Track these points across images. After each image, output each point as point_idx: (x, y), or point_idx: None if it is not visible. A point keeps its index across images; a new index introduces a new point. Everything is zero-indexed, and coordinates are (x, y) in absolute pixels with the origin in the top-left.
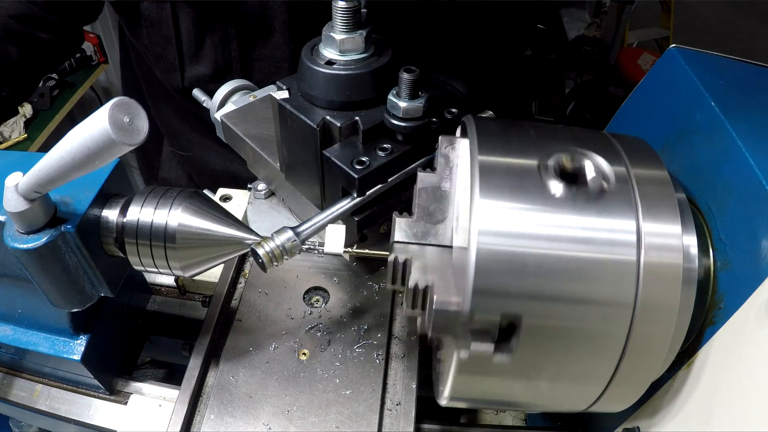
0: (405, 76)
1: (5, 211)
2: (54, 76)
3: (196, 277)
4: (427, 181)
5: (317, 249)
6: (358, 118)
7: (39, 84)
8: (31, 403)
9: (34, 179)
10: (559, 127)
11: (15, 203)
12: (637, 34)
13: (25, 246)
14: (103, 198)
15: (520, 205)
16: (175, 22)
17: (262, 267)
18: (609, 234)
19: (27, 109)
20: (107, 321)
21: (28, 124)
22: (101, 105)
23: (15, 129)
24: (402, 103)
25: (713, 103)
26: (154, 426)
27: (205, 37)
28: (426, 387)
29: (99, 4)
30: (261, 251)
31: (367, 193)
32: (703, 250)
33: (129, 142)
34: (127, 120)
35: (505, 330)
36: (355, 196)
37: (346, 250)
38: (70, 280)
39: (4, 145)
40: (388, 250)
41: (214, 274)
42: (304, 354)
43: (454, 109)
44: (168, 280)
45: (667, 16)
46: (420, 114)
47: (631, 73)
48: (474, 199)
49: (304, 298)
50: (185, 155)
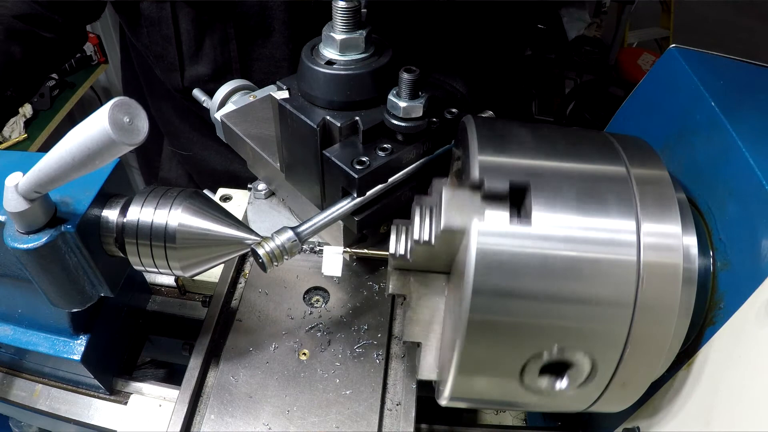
0: (405, 76)
1: (5, 211)
2: (54, 76)
3: (196, 277)
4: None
5: (317, 249)
6: (358, 118)
7: (43, 83)
8: (31, 403)
9: (34, 179)
10: (559, 128)
11: (15, 203)
12: (637, 34)
13: (25, 246)
14: (103, 198)
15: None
16: (174, 22)
17: (262, 267)
18: (609, 234)
19: (27, 109)
20: (107, 321)
21: (28, 124)
22: (101, 105)
23: (15, 129)
24: (402, 103)
25: (713, 103)
26: (154, 426)
27: (205, 36)
28: (426, 387)
29: (101, 4)
30: (261, 251)
31: (367, 193)
32: (703, 250)
33: (129, 142)
34: (127, 120)
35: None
36: (355, 196)
37: (346, 250)
38: (70, 280)
39: (4, 145)
40: (387, 250)
41: (214, 274)
42: (304, 354)
43: (454, 109)
44: (168, 280)
45: (667, 16)
46: (420, 114)
47: (631, 73)
48: (472, 149)
49: (304, 298)
50: (185, 155)
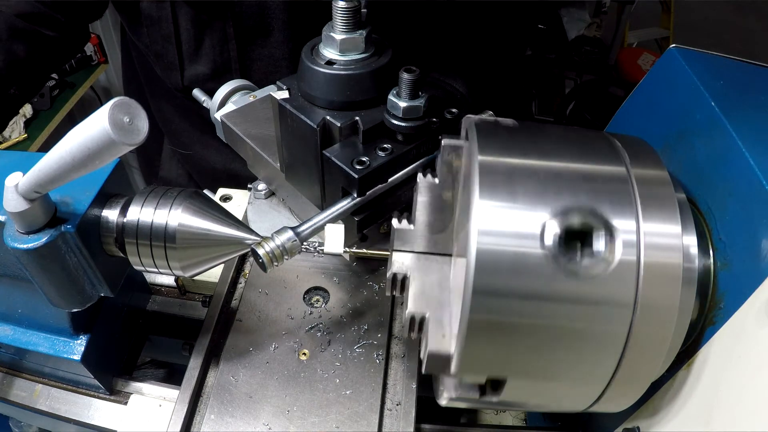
0: (405, 76)
1: (5, 211)
2: (54, 76)
3: (196, 277)
4: (427, 189)
5: (317, 249)
6: (358, 118)
7: (46, 82)
8: (31, 403)
9: (34, 179)
10: (559, 128)
11: (15, 203)
12: (637, 34)
13: (25, 246)
14: (103, 198)
15: (521, 205)
16: (174, 21)
17: (263, 267)
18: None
19: (27, 109)
20: (107, 321)
21: (28, 124)
22: (101, 105)
23: (15, 129)
24: (402, 103)
25: (713, 103)
26: (154, 426)
27: (204, 36)
28: (426, 387)
29: (103, 3)
30: (261, 251)
31: (367, 193)
32: (703, 250)
33: (129, 142)
34: (127, 120)
35: (494, 383)
36: (355, 196)
37: (346, 250)
38: (70, 280)
39: (4, 145)
40: (388, 250)
41: (214, 274)
42: (304, 354)
43: (454, 109)
44: (168, 280)
45: (667, 16)
46: (420, 114)
47: (631, 73)
48: (474, 200)
49: (304, 298)
50: (186, 154)
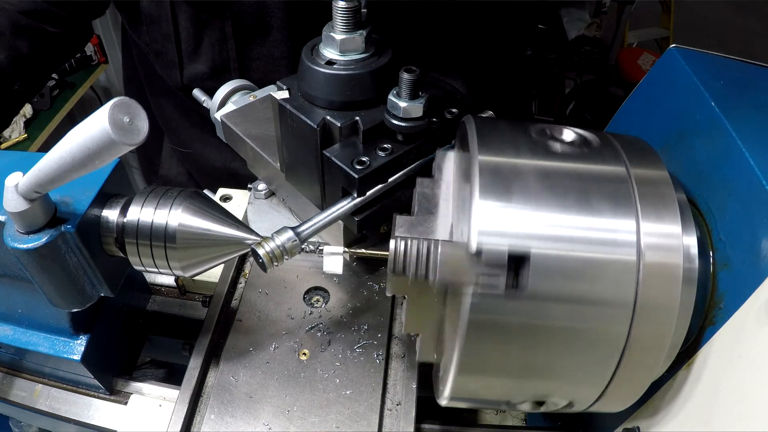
0: (405, 76)
1: (5, 211)
2: (54, 75)
3: (196, 277)
4: (424, 186)
5: (317, 249)
6: (358, 118)
7: (49, 78)
8: (31, 403)
9: (34, 179)
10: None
11: (15, 203)
12: (637, 34)
13: (25, 246)
14: (103, 198)
15: (520, 205)
16: (174, 20)
17: (263, 267)
18: (609, 234)
19: (27, 109)
20: (107, 321)
21: (28, 124)
22: (101, 105)
23: (15, 129)
24: (402, 103)
25: (713, 103)
26: (155, 426)
27: (203, 35)
28: (426, 387)
29: (105, 1)
30: (261, 251)
31: (368, 193)
32: (703, 250)
33: (129, 142)
34: (127, 120)
35: (515, 267)
36: (356, 196)
37: (346, 250)
38: (70, 280)
39: (4, 145)
40: (388, 249)
41: (214, 274)
42: (305, 354)
43: (454, 109)
44: (168, 280)
45: (667, 16)
46: (420, 114)
47: (631, 73)
48: (474, 200)
49: (304, 298)
50: (186, 152)
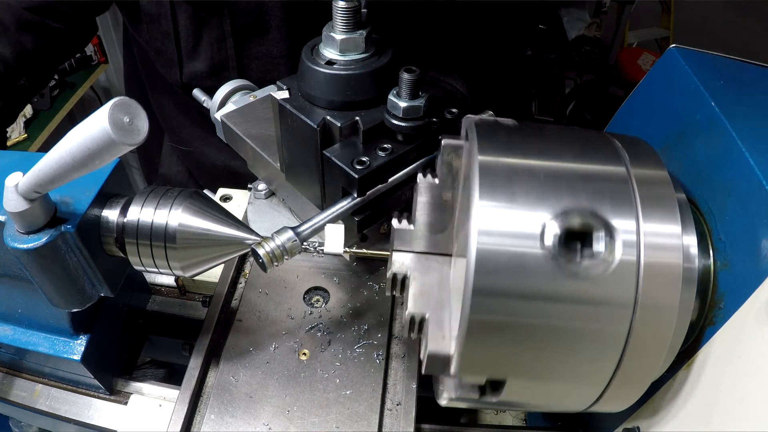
0: (405, 76)
1: (5, 211)
2: (54, 75)
3: (196, 277)
4: (427, 190)
5: (317, 249)
6: (358, 118)
7: (54, 73)
8: (31, 403)
9: (34, 179)
10: (559, 128)
11: (15, 203)
12: (637, 34)
13: (25, 246)
14: (103, 198)
15: (520, 206)
16: (173, 19)
17: (263, 267)
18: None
19: (27, 109)
20: (107, 321)
21: (28, 124)
22: (101, 105)
23: (15, 129)
24: (402, 103)
25: (713, 103)
26: (155, 426)
27: (202, 33)
28: (426, 387)
29: None
30: (261, 251)
31: (368, 193)
32: (703, 250)
33: (129, 142)
34: (127, 120)
35: (493, 383)
36: (356, 196)
37: (346, 250)
38: (70, 280)
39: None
40: (388, 250)
41: (214, 274)
42: (305, 354)
43: (454, 109)
44: (168, 280)
45: (667, 16)
46: (420, 114)
47: (631, 73)
48: (474, 200)
49: (304, 298)
50: (186, 150)
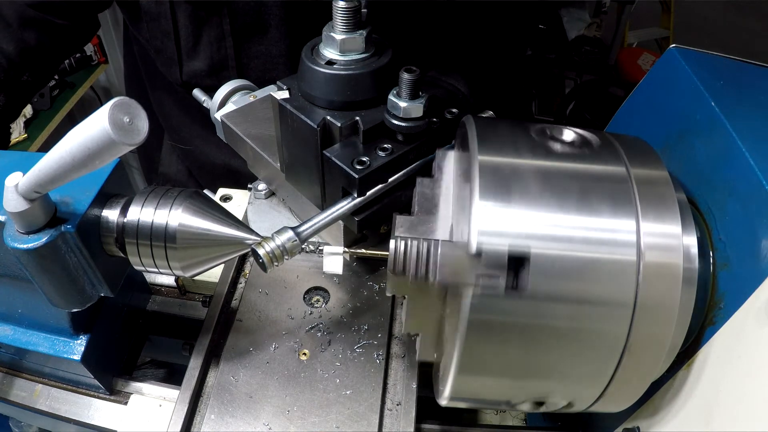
0: (405, 76)
1: (5, 211)
2: (57, 71)
3: (196, 277)
4: (425, 186)
5: (317, 249)
6: (358, 118)
7: (58, 69)
8: (31, 403)
9: (34, 179)
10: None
11: (15, 203)
12: (637, 34)
13: (25, 246)
14: (103, 198)
15: (520, 205)
16: (173, 18)
17: (263, 267)
18: (609, 234)
19: (27, 109)
20: (107, 321)
21: (28, 124)
22: (101, 105)
23: (15, 129)
24: (402, 103)
25: (713, 103)
26: (155, 426)
27: (202, 32)
28: (426, 387)
29: None
30: (261, 251)
31: (368, 193)
32: (703, 250)
33: (129, 142)
34: (127, 120)
35: (514, 267)
36: (356, 196)
37: (346, 250)
38: (70, 280)
39: None
40: (388, 249)
41: (214, 274)
42: (305, 354)
43: (454, 109)
44: (168, 280)
45: (667, 16)
46: (420, 114)
47: (631, 73)
48: (474, 200)
49: (304, 298)
50: (186, 149)
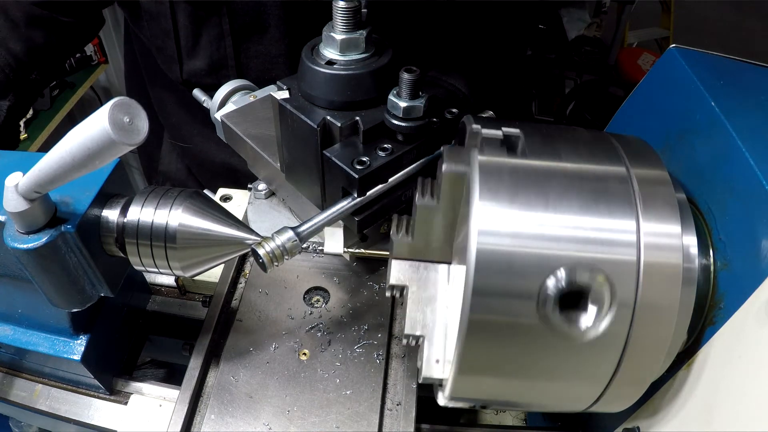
0: (405, 76)
1: (5, 211)
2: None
3: (196, 277)
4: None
5: (317, 249)
6: (358, 118)
7: (65, 65)
8: (31, 403)
9: (34, 179)
10: (558, 128)
11: (15, 203)
12: (637, 34)
13: (25, 246)
14: (103, 198)
15: (520, 206)
16: (173, 17)
17: (263, 267)
18: (609, 234)
19: None
20: (107, 321)
21: (28, 124)
22: (101, 105)
23: None
24: (402, 103)
25: (713, 103)
26: (155, 426)
27: (202, 31)
28: (426, 387)
29: None
30: (261, 251)
31: (368, 193)
32: (703, 250)
33: (129, 142)
34: (127, 120)
35: None
36: (356, 196)
37: (346, 250)
38: (70, 280)
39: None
40: (388, 249)
41: (214, 274)
42: (305, 354)
43: (454, 109)
44: (168, 280)
45: (667, 16)
46: (420, 114)
47: (631, 73)
48: (474, 201)
49: (304, 298)
50: (186, 147)
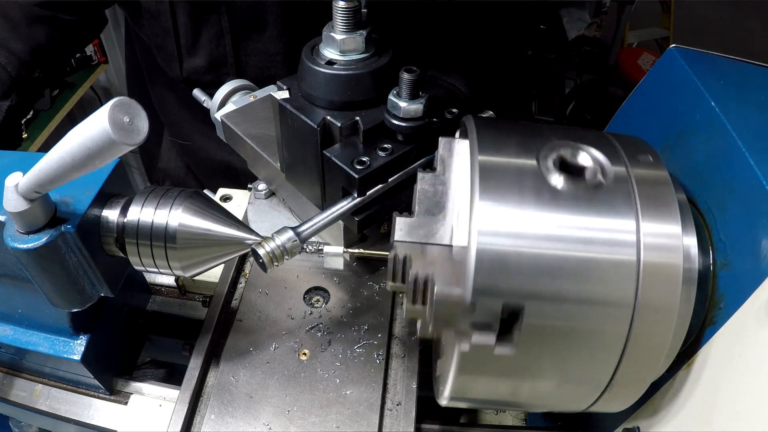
0: (405, 77)
1: (5, 211)
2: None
3: (197, 277)
4: (426, 182)
5: (317, 249)
6: (358, 118)
7: (68, 63)
8: (31, 403)
9: (34, 179)
10: (558, 127)
11: (15, 203)
12: (637, 34)
13: (25, 246)
14: (103, 198)
15: (520, 205)
16: (172, 15)
17: (263, 267)
18: (609, 234)
19: None
20: (107, 321)
21: (28, 124)
22: (101, 105)
23: None
24: (402, 104)
25: (713, 103)
26: (155, 426)
27: (201, 30)
28: (426, 387)
29: None
30: (261, 251)
31: (368, 193)
32: (703, 250)
33: (129, 142)
34: (127, 120)
35: (507, 322)
36: (356, 196)
37: (346, 250)
38: (70, 280)
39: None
40: (388, 250)
41: (214, 274)
42: (305, 354)
43: (454, 109)
44: (168, 280)
45: (667, 16)
46: (420, 114)
47: (631, 73)
48: (474, 200)
49: (304, 298)
50: (186, 145)
